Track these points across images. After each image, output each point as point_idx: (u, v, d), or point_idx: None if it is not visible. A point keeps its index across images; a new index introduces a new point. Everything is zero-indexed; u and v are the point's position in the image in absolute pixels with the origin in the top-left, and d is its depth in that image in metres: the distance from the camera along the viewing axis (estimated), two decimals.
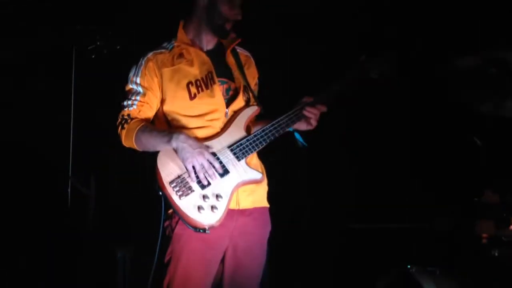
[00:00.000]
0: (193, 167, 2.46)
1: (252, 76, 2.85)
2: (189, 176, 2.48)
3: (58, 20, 3.48)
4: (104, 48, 2.63)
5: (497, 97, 2.85)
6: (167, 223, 2.59)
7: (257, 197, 2.70)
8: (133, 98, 2.64)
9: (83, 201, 3.88)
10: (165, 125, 2.67)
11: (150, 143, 2.55)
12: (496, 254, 3.15)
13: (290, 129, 2.69)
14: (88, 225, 3.84)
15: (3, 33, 3.27)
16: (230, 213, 2.56)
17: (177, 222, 2.54)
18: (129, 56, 2.71)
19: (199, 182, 2.49)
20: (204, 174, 2.47)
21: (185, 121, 2.63)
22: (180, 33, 2.75)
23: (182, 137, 2.49)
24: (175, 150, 2.50)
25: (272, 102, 2.77)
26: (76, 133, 3.94)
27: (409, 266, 3.25)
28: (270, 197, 2.77)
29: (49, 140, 3.93)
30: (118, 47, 2.64)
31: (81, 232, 3.84)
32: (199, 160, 2.46)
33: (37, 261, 3.81)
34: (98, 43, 2.63)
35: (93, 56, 2.61)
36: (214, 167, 2.49)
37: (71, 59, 3.45)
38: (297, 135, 2.73)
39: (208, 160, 2.47)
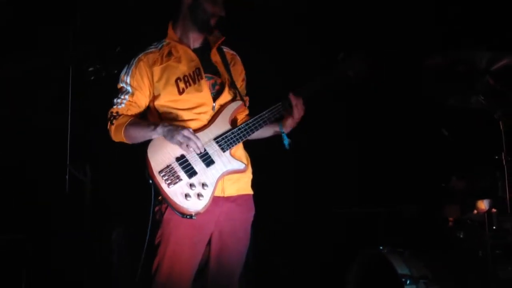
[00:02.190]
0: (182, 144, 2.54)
1: (239, 73, 2.96)
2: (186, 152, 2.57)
3: (64, 45, 3.70)
4: (103, 71, 2.78)
5: (464, 92, 3.04)
6: (157, 208, 2.70)
7: (241, 185, 2.82)
8: (122, 97, 2.76)
9: (80, 186, 4.02)
10: (157, 119, 2.77)
11: (139, 133, 2.67)
12: (461, 236, 3.38)
13: (281, 130, 2.82)
14: (85, 208, 3.97)
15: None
16: (216, 200, 2.67)
17: (166, 208, 2.66)
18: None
19: (186, 171, 2.59)
20: (190, 147, 2.56)
21: (175, 114, 2.74)
22: (170, 32, 2.88)
23: (166, 123, 2.63)
24: (164, 136, 2.59)
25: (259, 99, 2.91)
26: (73, 128, 4.08)
27: (381, 247, 3.48)
28: (254, 184, 2.89)
29: (50, 135, 4.14)
30: (115, 71, 2.79)
31: (78, 214, 3.99)
32: (184, 133, 2.56)
33: (39, 240, 3.99)
34: (97, 66, 2.78)
35: (92, 78, 2.77)
36: (197, 145, 2.57)
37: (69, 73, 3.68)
38: (284, 136, 2.82)
39: (190, 137, 2.56)
